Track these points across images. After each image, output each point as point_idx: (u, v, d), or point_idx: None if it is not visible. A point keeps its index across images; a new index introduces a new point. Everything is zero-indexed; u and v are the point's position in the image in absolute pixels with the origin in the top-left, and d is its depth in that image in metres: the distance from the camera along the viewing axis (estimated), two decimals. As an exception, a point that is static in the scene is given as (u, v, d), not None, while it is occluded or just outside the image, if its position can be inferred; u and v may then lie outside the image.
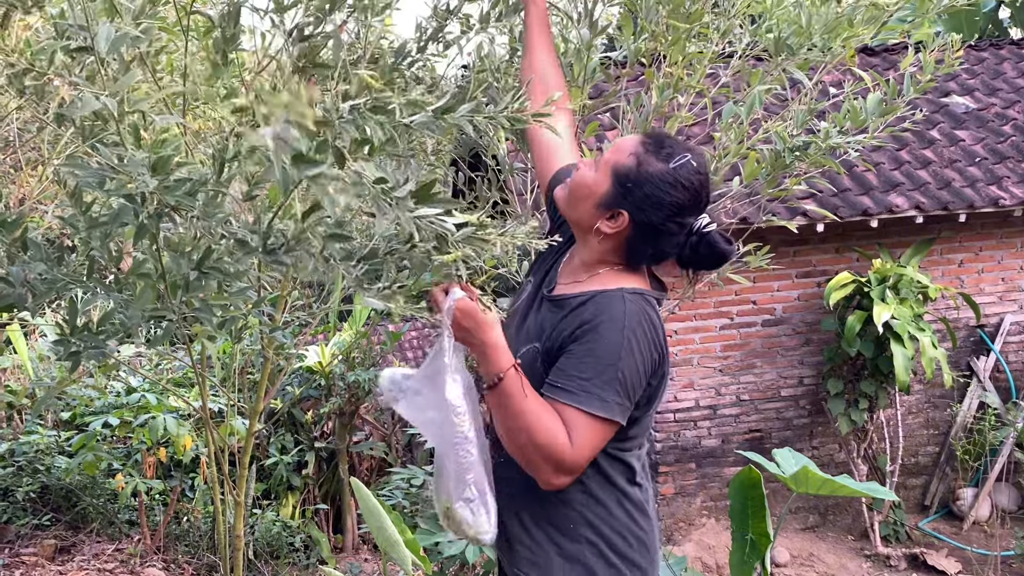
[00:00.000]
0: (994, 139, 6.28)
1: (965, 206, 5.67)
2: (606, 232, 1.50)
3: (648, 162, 1.46)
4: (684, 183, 1.45)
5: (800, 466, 3.61)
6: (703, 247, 1.50)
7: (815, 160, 2.21)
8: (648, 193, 1.45)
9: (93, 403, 4.74)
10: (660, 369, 1.49)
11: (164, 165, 0.97)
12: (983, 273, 6.29)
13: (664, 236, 1.49)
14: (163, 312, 1.19)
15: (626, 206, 1.47)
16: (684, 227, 1.49)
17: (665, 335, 1.50)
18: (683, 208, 1.46)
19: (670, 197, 1.45)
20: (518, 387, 1.38)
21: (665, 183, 1.45)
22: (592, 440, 1.40)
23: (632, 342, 1.41)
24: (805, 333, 6.11)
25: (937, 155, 6.10)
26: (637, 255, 1.53)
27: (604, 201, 1.49)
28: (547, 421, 1.38)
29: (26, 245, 1.15)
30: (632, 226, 1.49)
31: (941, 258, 6.21)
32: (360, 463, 6.17)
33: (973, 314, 6.00)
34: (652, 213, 1.46)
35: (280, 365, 3.18)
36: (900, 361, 5.38)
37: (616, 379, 1.39)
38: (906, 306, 5.51)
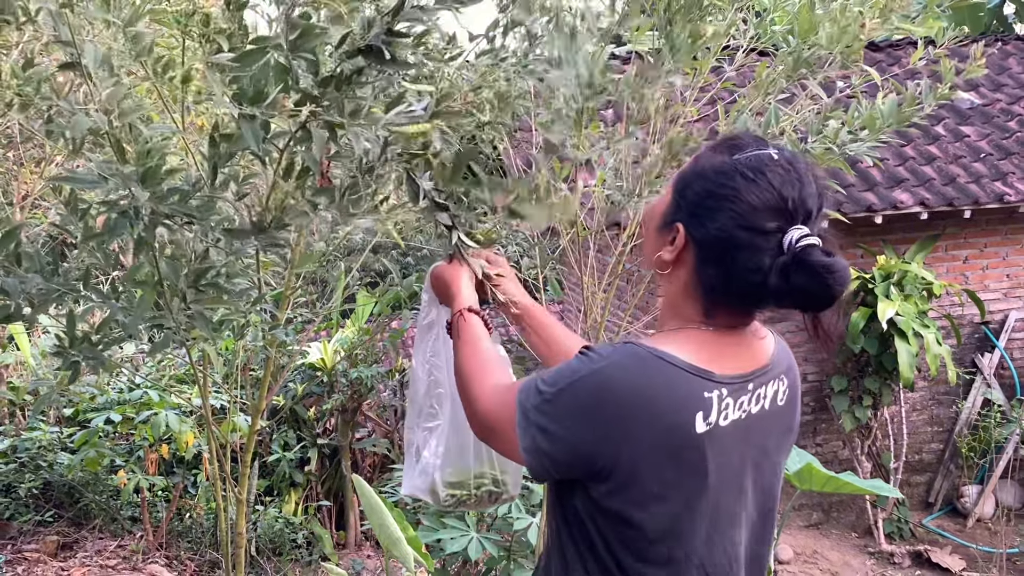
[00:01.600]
0: (999, 135, 6.25)
1: (970, 202, 5.64)
2: (667, 259, 1.15)
3: (706, 157, 1.14)
4: (748, 173, 1.07)
5: (804, 463, 3.60)
6: (796, 271, 1.04)
7: (825, 161, 2.19)
8: (700, 191, 1.11)
9: (95, 400, 4.74)
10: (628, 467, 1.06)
11: (153, 176, 0.96)
12: (988, 270, 6.26)
13: (733, 251, 1.08)
14: (161, 320, 1.18)
15: (680, 216, 1.13)
16: (762, 238, 1.06)
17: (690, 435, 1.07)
18: (751, 208, 1.06)
19: (726, 190, 1.08)
20: (459, 328, 1.34)
21: (720, 174, 1.09)
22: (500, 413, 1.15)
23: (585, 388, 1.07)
24: (809, 330, 6.08)
25: (942, 151, 6.07)
26: (708, 288, 1.12)
27: (662, 219, 1.17)
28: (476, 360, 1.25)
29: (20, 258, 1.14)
30: (693, 245, 1.12)
31: (946, 255, 6.19)
32: (363, 460, 6.17)
33: (978, 311, 5.97)
34: (708, 217, 1.09)
35: (283, 362, 3.17)
36: (904, 358, 5.36)
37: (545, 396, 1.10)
38: (911, 303, 5.49)
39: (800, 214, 1.07)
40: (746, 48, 2.91)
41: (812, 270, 1.03)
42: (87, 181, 1.01)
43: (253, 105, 0.84)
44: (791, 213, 1.07)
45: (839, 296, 1.05)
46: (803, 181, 1.09)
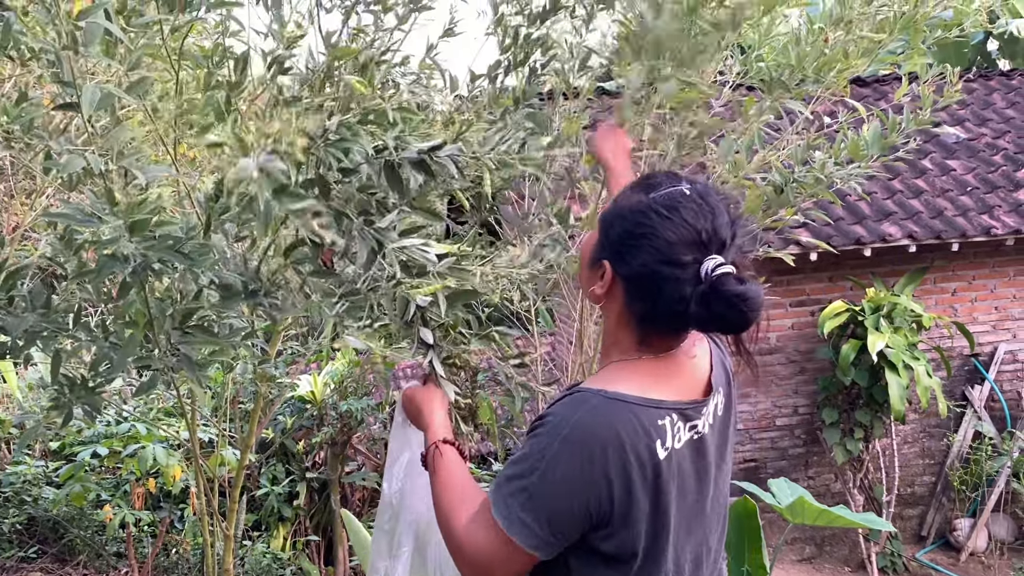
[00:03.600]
0: (985, 169, 6.32)
1: (958, 235, 5.69)
2: (599, 294, 1.23)
3: (625, 196, 1.22)
4: (662, 211, 1.15)
5: (796, 496, 3.58)
6: (714, 296, 1.12)
7: (812, 192, 2.21)
8: (621, 231, 1.19)
9: (82, 433, 4.69)
10: (619, 510, 1.14)
11: (142, 227, 0.97)
12: (976, 302, 6.30)
13: (658, 285, 1.16)
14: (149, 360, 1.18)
15: (605, 254, 1.21)
16: (683, 268, 1.14)
17: (655, 464, 1.15)
18: (669, 243, 1.14)
19: (645, 229, 1.15)
20: (435, 463, 1.31)
21: (637, 213, 1.17)
22: (488, 543, 1.17)
23: (559, 454, 1.12)
24: (799, 362, 6.09)
25: (929, 184, 6.13)
26: (638, 318, 1.20)
27: (591, 257, 1.24)
28: (453, 495, 1.24)
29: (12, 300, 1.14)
30: (620, 281, 1.20)
31: (934, 287, 6.22)
32: (352, 494, 6.11)
33: (967, 343, 5.99)
34: (630, 255, 1.17)
35: (272, 395, 3.15)
36: (895, 390, 5.37)
37: (525, 491, 1.13)
38: (900, 335, 5.50)
39: (714, 244, 1.16)
40: (732, 84, 2.94)
41: (727, 298, 1.12)
42: (79, 219, 1.01)
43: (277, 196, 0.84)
44: (705, 244, 1.15)
45: (753, 321, 1.14)
46: (715, 212, 1.17)
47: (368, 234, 0.95)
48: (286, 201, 0.87)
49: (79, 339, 1.32)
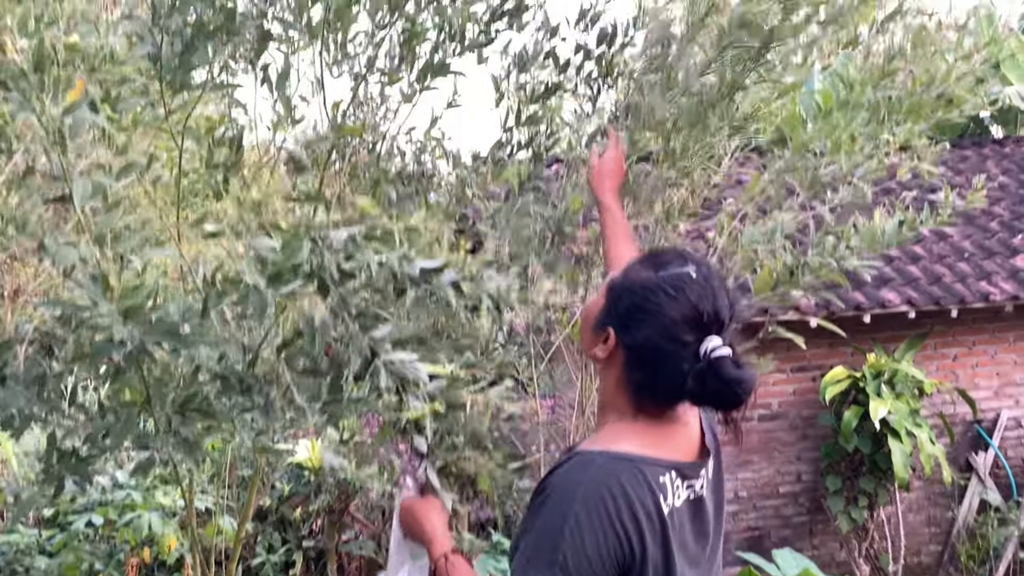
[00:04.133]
0: (981, 235, 6.37)
1: (956, 301, 5.71)
2: (600, 357, 1.30)
3: (636, 270, 1.31)
4: (671, 292, 1.23)
5: (801, 568, 3.53)
6: (710, 376, 1.19)
7: (822, 275, 2.25)
8: (630, 304, 1.26)
9: (76, 500, 4.63)
10: (638, 560, 1.18)
11: (137, 313, 0.98)
12: (978, 367, 6.28)
13: (657, 358, 1.24)
14: (146, 440, 1.18)
15: (612, 322, 1.28)
16: (682, 348, 1.22)
17: (661, 518, 1.19)
18: (675, 323, 1.22)
19: (651, 306, 1.23)
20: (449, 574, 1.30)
21: (646, 289, 1.25)
22: None
23: (580, 520, 1.15)
24: (802, 428, 6.05)
25: (926, 251, 6.18)
26: (636, 387, 1.27)
27: (596, 321, 1.31)
28: None
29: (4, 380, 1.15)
30: (622, 349, 1.27)
31: (935, 352, 6.21)
32: (349, 563, 6.00)
33: (970, 409, 5.96)
34: (636, 328, 1.25)
35: (271, 462, 3.11)
36: (898, 458, 5.32)
37: (556, 563, 1.14)
38: (902, 401, 5.48)
39: (714, 325, 1.24)
40: (732, 154, 3.00)
41: (723, 380, 1.20)
42: (75, 307, 1.03)
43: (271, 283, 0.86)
44: (706, 325, 1.24)
45: (745, 402, 1.23)
46: (717, 295, 1.26)
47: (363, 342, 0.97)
48: (279, 286, 0.89)
49: (75, 419, 1.32)
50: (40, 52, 0.83)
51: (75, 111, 0.88)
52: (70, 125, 0.88)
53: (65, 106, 0.87)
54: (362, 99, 2.31)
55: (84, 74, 0.94)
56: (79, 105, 0.89)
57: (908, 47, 2.37)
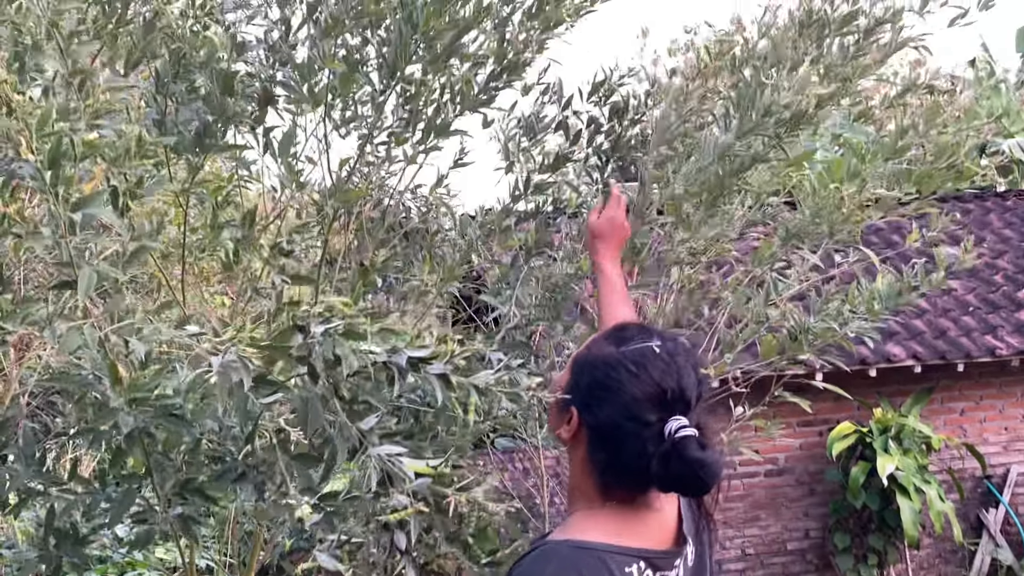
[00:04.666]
0: (986, 289, 6.37)
1: (962, 356, 5.68)
2: (565, 438, 1.23)
3: (598, 346, 1.24)
4: (633, 369, 1.17)
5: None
6: (674, 459, 1.12)
7: (827, 339, 2.25)
8: (591, 381, 1.20)
9: (76, 557, 4.58)
10: None
11: (142, 402, 0.99)
12: (985, 422, 6.23)
13: (618, 439, 1.17)
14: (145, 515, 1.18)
15: (575, 401, 1.21)
16: (646, 426, 1.16)
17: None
18: (637, 401, 1.16)
19: (613, 383, 1.17)
20: None
21: (607, 366, 1.19)
22: None
23: None
24: (809, 483, 5.99)
25: (931, 304, 6.17)
26: (600, 469, 1.20)
27: (562, 400, 1.24)
28: None
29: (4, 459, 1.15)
30: (585, 429, 1.21)
31: (942, 407, 6.17)
32: (350, 621, 5.90)
33: (979, 464, 5.90)
34: (597, 406, 1.18)
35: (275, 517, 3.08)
36: (907, 515, 5.26)
37: None
38: (910, 457, 5.43)
39: (679, 404, 1.17)
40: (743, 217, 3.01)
41: (687, 463, 1.12)
42: (80, 383, 1.04)
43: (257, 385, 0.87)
44: (671, 404, 1.16)
45: (711, 488, 1.15)
46: (682, 373, 1.18)
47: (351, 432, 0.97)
48: (263, 391, 0.90)
49: (75, 493, 1.32)
50: (56, 151, 0.85)
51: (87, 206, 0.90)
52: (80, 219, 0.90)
53: (76, 201, 0.89)
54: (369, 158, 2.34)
55: (104, 165, 0.97)
56: (92, 201, 0.90)
57: (921, 123, 2.38)
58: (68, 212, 0.88)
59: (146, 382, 1.00)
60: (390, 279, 2.49)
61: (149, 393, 1.01)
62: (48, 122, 0.84)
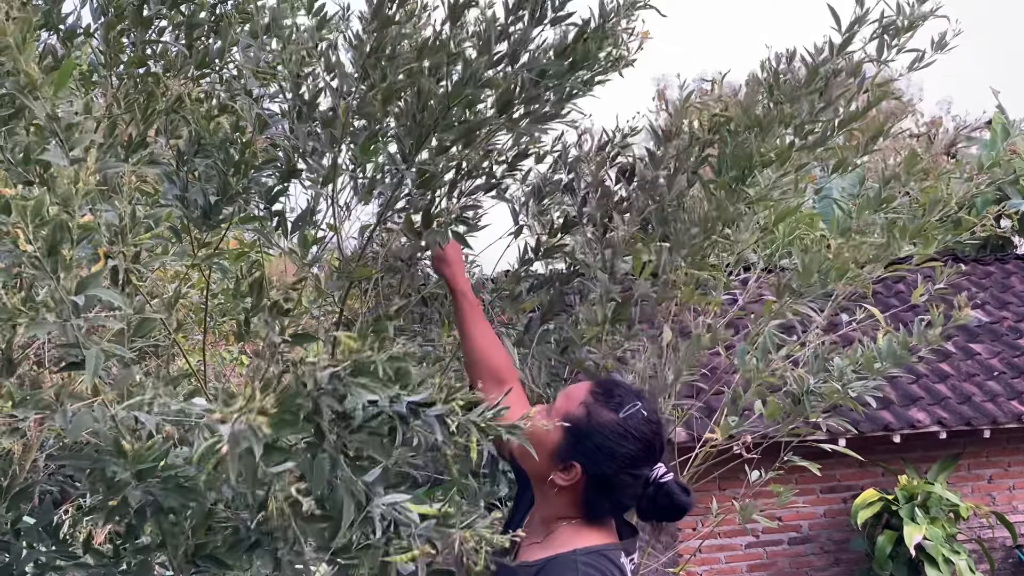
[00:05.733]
0: (1010, 353, 6.28)
1: (988, 422, 5.58)
2: (560, 484, 1.44)
3: (597, 412, 1.44)
4: (635, 433, 1.42)
5: None
6: (661, 498, 1.44)
7: (832, 400, 2.22)
8: (598, 444, 1.42)
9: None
10: None
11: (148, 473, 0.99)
12: (1015, 490, 6.08)
13: (619, 488, 1.44)
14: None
15: (578, 457, 1.43)
16: (639, 478, 1.44)
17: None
18: (635, 459, 1.42)
19: (622, 448, 1.42)
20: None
21: (615, 434, 1.42)
22: None
23: None
24: (834, 552, 5.84)
25: (954, 368, 6.09)
26: (595, 508, 1.46)
27: (556, 453, 1.44)
28: None
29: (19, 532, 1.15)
30: (586, 479, 1.43)
31: (969, 474, 6.04)
32: None
33: (1009, 534, 5.74)
34: (604, 465, 1.42)
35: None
36: (937, 587, 5.10)
37: None
38: (937, 526, 5.29)
39: (661, 454, 1.47)
40: (755, 278, 3.01)
41: (673, 500, 1.44)
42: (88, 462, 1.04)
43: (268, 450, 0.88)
44: (657, 455, 1.46)
45: (687, 512, 1.46)
46: (662, 430, 1.49)
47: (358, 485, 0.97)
48: (274, 458, 0.90)
49: (90, 566, 1.31)
50: (54, 238, 0.87)
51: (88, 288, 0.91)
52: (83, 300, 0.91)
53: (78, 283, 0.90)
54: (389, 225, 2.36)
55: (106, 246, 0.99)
56: (92, 282, 0.92)
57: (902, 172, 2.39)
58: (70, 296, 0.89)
59: (151, 454, 1.00)
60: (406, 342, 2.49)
61: (155, 464, 1.01)
62: (42, 211, 0.87)
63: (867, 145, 2.31)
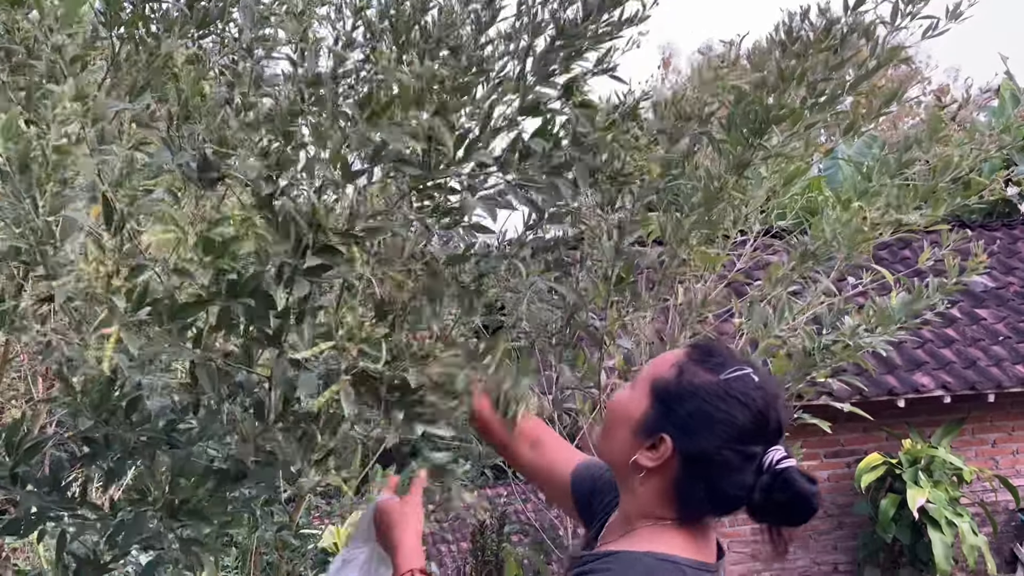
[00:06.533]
0: (1015, 318, 6.27)
1: (993, 386, 5.59)
2: (647, 466, 1.16)
3: (693, 372, 1.16)
4: (740, 398, 1.13)
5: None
6: (779, 489, 1.11)
7: (842, 357, 2.23)
8: (693, 409, 1.14)
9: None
10: None
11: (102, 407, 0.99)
12: (1018, 454, 6.11)
13: (721, 470, 1.13)
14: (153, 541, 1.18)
15: (668, 428, 1.15)
16: (748, 459, 1.13)
17: None
18: (742, 431, 1.12)
19: (721, 414, 1.13)
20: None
21: (715, 397, 1.13)
22: None
23: None
24: (837, 516, 5.88)
25: (960, 333, 6.09)
26: (690, 499, 1.16)
27: (642, 425, 1.17)
28: None
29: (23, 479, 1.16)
30: (678, 457, 1.15)
31: (973, 438, 6.06)
32: (372, 653, 5.85)
33: (1012, 497, 5.77)
34: (701, 436, 1.13)
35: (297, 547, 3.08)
36: (939, 549, 5.15)
37: None
38: (941, 489, 5.33)
39: (777, 435, 1.15)
40: (753, 242, 3.00)
41: (796, 493, 1.11)
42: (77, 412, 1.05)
43: None
44: (772, 434, 1.14)
45: (811, 517, 1.13)
46: (779, 401, 1.16)
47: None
48: None
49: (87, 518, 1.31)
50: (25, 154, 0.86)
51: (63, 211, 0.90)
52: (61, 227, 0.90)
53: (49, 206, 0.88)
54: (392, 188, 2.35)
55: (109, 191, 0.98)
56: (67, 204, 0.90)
57: (924, 137, 2.39)
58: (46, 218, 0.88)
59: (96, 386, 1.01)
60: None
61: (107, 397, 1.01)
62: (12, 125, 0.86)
63: (880, 109, 2.30)
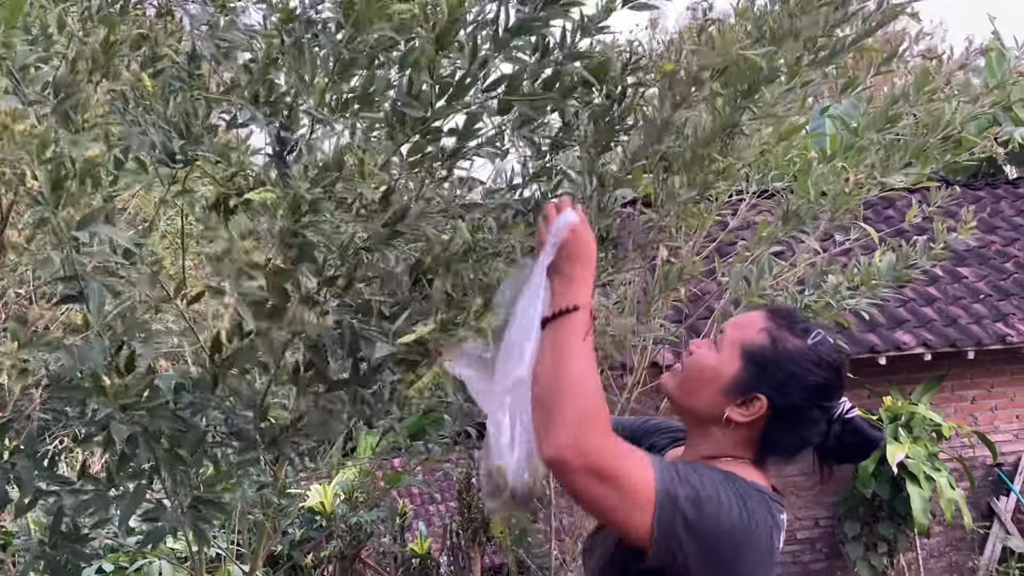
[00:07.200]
0: (997, 276, 6.33)
1: (973, 343, 5.65)
2: (738, 421, 1.32)
3: (784, 338, 1.33)
4: (828, 361, 1.32)
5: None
6: (848, 434, 1.34)
7: (825, 316, 2.24)
8: (790, 373, 1.31)
9: (88, 546, 4.61)
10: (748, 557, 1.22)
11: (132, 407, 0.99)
12: (997, 410, 6.20)
13: (808, 423, 1.33)
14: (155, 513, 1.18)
15: (764, 389, 1.31)
16: (828, 411, 1.33)
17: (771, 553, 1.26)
18: (829, 390, 1.32)
19: (814, 377, 1.31)
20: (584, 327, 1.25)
21: (809, 361, 1.31)
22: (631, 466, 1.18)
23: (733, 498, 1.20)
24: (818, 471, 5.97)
25: (941, 292, 6.14)
26: (777, 446, 1.34)
27: (735, 385, 1.32)
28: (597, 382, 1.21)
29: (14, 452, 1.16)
30: (772, 412, 1.32)
31: (953, 395, 6.14)
32: (361, 609, 5.93)
33: (989, 453, 5.87)
34: (796, 396, 1.31)
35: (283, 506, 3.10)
36: (917, 503, 5.24)
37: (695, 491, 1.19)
38: (920, 445, 5.41)
39: (842, 389, 1.35)
40: (748, 202, 3.00)
41: (861, 435, 1.34)
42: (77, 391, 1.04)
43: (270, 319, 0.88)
44: (840, 389, 1.35)
45: (876, 450, 1.38)
46: (844, 361, 1.36)
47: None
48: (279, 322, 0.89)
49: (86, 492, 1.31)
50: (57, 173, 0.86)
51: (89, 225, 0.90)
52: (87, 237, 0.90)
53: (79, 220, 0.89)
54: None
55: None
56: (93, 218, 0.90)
57: (912, 91, 2.37)
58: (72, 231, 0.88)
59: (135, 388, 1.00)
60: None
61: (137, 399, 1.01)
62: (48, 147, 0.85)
63: (880, 66, 2.28)
